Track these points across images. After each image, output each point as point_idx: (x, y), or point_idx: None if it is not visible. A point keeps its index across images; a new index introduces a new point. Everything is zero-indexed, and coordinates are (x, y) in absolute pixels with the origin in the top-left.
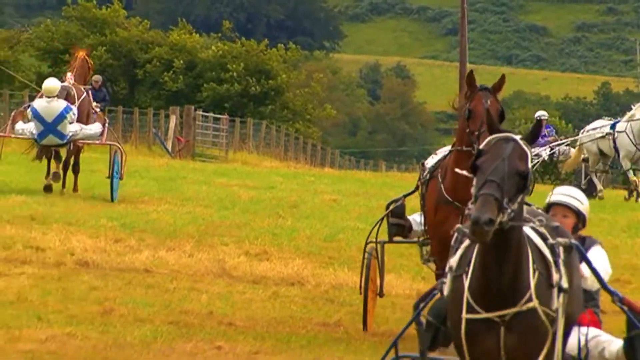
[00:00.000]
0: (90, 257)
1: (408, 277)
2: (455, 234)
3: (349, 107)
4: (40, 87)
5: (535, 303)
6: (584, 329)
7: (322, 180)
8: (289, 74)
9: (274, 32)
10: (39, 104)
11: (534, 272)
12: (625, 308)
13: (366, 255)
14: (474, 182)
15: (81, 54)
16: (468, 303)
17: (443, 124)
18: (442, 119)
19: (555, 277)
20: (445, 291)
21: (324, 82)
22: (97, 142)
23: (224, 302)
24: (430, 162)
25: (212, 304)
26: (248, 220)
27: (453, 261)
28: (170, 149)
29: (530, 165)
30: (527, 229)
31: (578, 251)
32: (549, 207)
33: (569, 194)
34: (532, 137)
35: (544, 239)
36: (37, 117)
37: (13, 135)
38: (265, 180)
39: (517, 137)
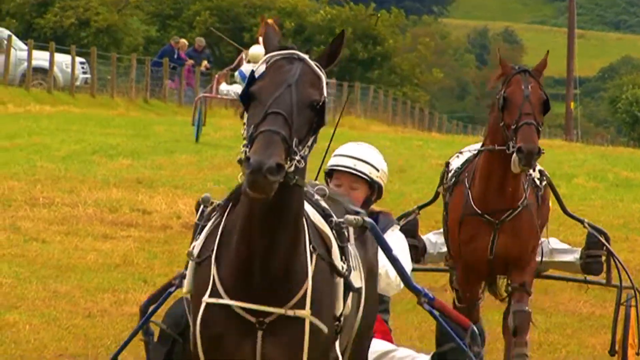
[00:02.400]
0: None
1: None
2: (201, 207)
3: (457, 72)
4: (148, 50)
5: (306, 312)
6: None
7: (429, 144)
8: (395, 39)
9: None
10: (246, 68)
11: (311, 260)
12: (437, 313)
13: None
14: (246, 117)
15: (270, 21)
16: (215, 291)
17: (551, 89)
18: (549, 84)
19: (342, 269)
20: (185, 287)
21: (431, 47)
22: None
23: None
24: (456, 162)
25: None
26: None
27: (197, 244)
28: None
29: (326, 93)
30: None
31: (374, 234)
32: (330, 174)
33: (357, 157)
34: (329, 57)
35: (327, 215)
36: (244, 79)
37: (219, 96)
38: (373, 144)
39: (306, 56)
